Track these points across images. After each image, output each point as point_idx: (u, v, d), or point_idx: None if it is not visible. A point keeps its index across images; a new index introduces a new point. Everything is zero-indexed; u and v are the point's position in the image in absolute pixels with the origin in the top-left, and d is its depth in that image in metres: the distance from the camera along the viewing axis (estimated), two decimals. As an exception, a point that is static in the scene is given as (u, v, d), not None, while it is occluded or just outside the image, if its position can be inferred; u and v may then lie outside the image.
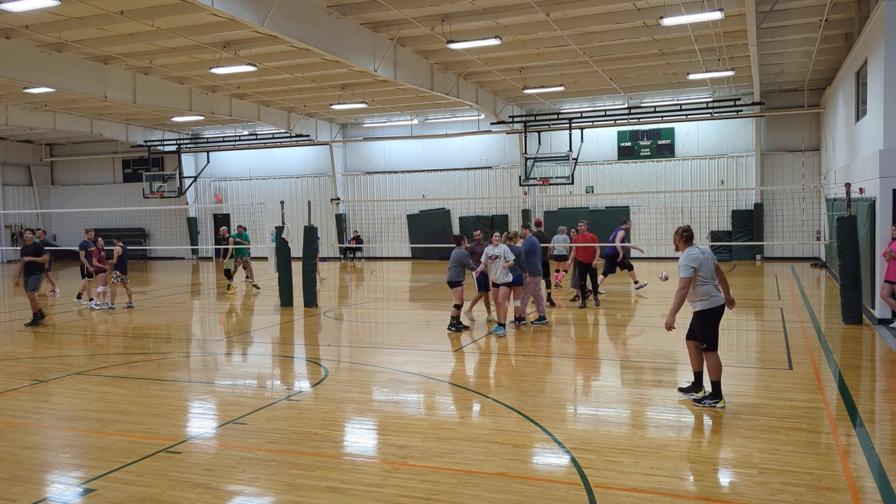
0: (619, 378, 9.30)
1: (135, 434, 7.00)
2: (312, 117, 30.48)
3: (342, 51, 16.22)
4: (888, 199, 12.28)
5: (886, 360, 9.95)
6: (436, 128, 31.08)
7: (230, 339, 12.90)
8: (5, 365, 10.52)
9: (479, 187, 30.73)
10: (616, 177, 28.54)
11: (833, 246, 15.41)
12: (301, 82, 22.27)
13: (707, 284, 7.47)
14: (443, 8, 15.57)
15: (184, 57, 18.98)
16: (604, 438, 6.69)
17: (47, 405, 8.24)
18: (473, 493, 5.39)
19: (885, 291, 11.66)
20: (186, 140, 33.32)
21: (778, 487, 5.38)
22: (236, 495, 5.51)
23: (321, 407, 7.93)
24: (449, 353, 10.96)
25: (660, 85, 24.93)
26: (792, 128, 26.45)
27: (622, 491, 5.36)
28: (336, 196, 31.95)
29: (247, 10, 13.36)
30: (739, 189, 26.62)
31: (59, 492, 5.65)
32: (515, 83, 23.64)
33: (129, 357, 11.10)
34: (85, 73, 19.26)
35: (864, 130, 15.12)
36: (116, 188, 36.99)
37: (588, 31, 17.51)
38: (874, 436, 6.60)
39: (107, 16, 15.04)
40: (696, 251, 7.53)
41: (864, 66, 15.42)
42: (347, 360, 10.72)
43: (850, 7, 16.29)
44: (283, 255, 16.39)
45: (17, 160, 36.36)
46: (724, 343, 11.32)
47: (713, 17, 14.75)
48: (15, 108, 25.66)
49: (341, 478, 5.77)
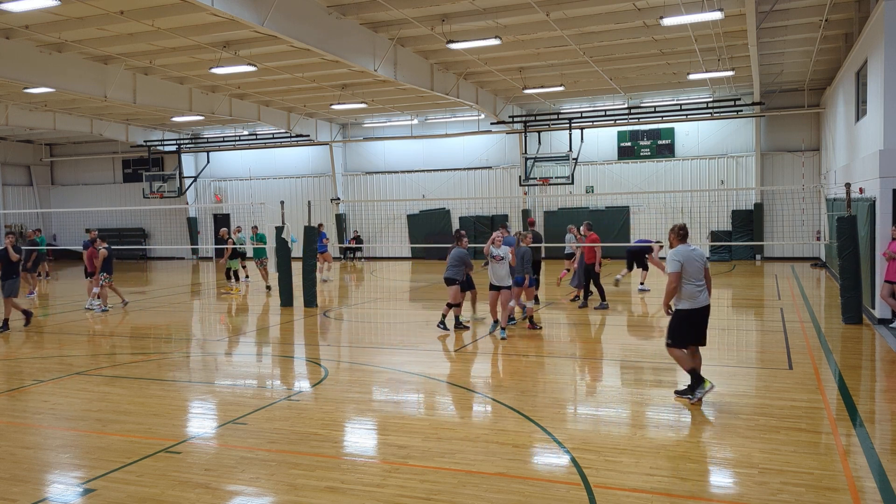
0: (619, 378, 9.30)
1: (135, 434, 7.00)
2: (312, 117, 30.48)
3: (342, 51, 16.22)
4: (888, 199, 12.28)
5: (886, 360, 9.95)
6: (436, 128, 31.08)
7: (230, 339, 12.90)
8: (5, 365, 10.52)
9: (479, 187, 30.73)
10: (616, 177, 28.54)
11: (833, 246, 15.41)
12: (301, 82, 22.27)
13: (690, 284, 7.55)
14: (443, 8, 15.57)
15: (184, 57, 18.98)
16: (604, 438, 6.69)
17: (47, 405, 8.24)
18: (473, 493, 5.39)
19: (885, 291, 11.66)
20: (186, 140, 33.32)
21: (778, 487, 5.38)
22: (236, 495, 5.51)
23: (321, 407, 7.93)
24: (449, 353, 10.96)
25: (660, 85, 24.93)
26: (792, 128, 26.45)
27: (622, 491, 5.36)
28: (336, 196, 31.95)
29: (247, 10, 13.36)
30: (739, 189, 26.61)
31: (59, 492, 5.65)
32: (515, 83, 23.64)
33: (128, 357, 11.10)
34: (85, 73, 19.25)
35: (864, 130, 15.12)
36: (116, 188, 36.99)
37: (588, 31, 17.51)
38: (874, 436, 6.60)
39: (107, 16, 15.03)
40: (682, 248, 7.64)
41: (864, 66, 15.42)
42: (347, 360, 10.72)
43: (850, 7, 16.29)
44: (283, 255, 16.39)
45: (17, 160, 36.36)
46: (724, 343, 11.34)
47: (713, 17, 14.75)
48: (15, 108, 25.65)
49: (341, 478, 5.77)
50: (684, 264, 7.54)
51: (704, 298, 7.61)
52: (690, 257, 7.59)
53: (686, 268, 7.53)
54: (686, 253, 7.59)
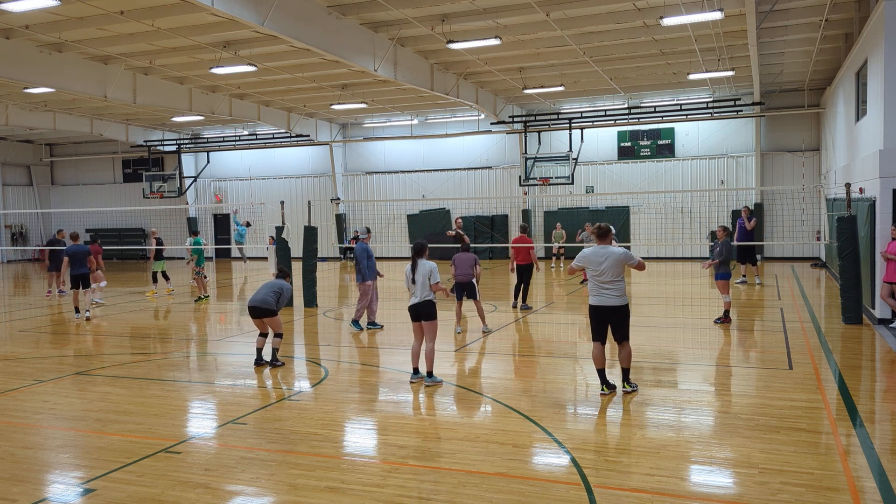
0: (619, 378, 9.29)
1: (135, 434, 7.00)
2: (312, 117, 30.47)
3: (342, 51, 16.22)
4: (888, 199, 12.28)
5: (886, 360, 9.94)
6: (436, 128, 31.08)
7: (230, 338, 12.90)
8: (5, 365, 10.52)
9: (479, 187, 30.72)
10: (616, 177, 28.54)
11: (833, 246, 15.41)
12: (301, 82, 22.28)
13: (591, 282, 8.00)
14: (443, 8, 15.57)
15: (184, 57, 18.98)
16: (604, 438, 6.69)
17: (47, 405, 8.23)
18: (473, 493, 5.39)
19: (884, 291, 11.65)
20: (186, 140, 33.32)
21: (778, 487, 5.38)
22: (236, 495, 5.51)
23: (321, 407, 7.93)
24: (449, 353, 10.96)
25: (660, 85, 24.93)
26: (792, 128, 26.44)
27: (622, 491, 5.36)
28: (336, 196, 31.95)
29: (247, 10, 13.36)
30: (739, 189, 26.61)
31: (59, 492, 5.65)
32: (515, 83, 23.64)
33: (128, 357, 11.10)
34: (85, 73, 19.25)
35: (864, 130, 15.12)
36: (116, 188, 36.98)
37: (588, 31, 17.51)
38: (874, 436, 6.60)
39: (107, 16, 15.03)
40: (588, 249, 8.05)
41: (864, 66, 15.42)
42: (347, 360, 10.73)
43: (850, 7, 16.29)
44: (284, 256, 16.38)
45: (17, 160, 36.35)
46: (724, 343, 11.34)
47: (713, 17, 14.75)
48: (15, 108, 25.66)
49: (341, 478, 5.77)
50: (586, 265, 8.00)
51: (602, 298, 7.93)
52: (592, 259, 7.94)
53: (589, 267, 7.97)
54: (587, 256, 7.98)
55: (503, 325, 13.17)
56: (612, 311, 7.94)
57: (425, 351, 8.83)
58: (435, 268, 8.82)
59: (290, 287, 10.48)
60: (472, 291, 12.48)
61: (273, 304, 10.02)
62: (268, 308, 9.97)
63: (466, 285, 12.47)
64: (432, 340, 8.81)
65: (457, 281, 12.53)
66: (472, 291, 12.48)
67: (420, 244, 9.00)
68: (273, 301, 10.03)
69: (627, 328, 8.05)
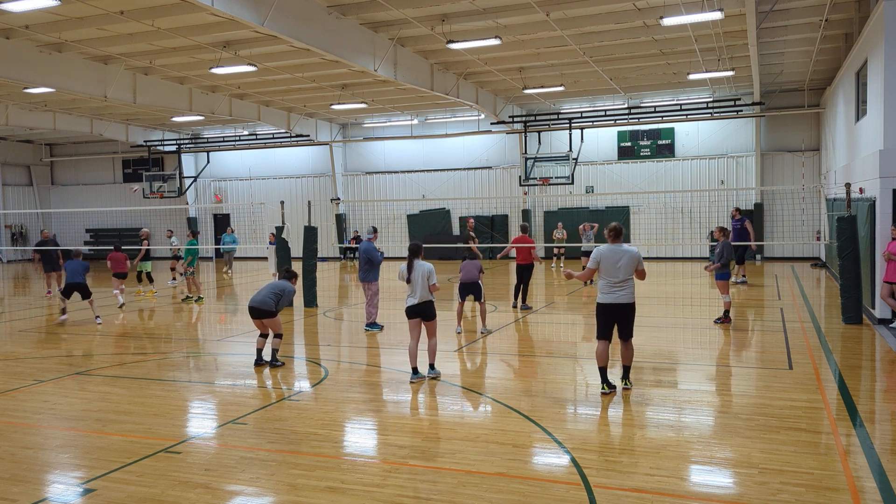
0: (619, 378, 9.28)
1: (135, 434, 7.00)
2: (312, 117, 30.47)
3: (342, 51, 16.22)
4: (888, 199, 12.28)
5: (886, 360, 9.94)
6: (436, 128, 31.07)
7: (230, 338, 12.89)
8: (5, 365, 10.52)
9: (479, 187, 30.72)
10: (616, 177, 28.53)
11: (833, 246, 15.40)
12: (301, 82, 22.27)
13: (603, 280, 8.06)
14: (443, 8, 15.57)
15: (184, 57, 18.98)
16: (604, 438, 6.69)
17: (47, 405, 8.23)
18: (473, 493, 5.38)
19: (884, 291, 11.65)
20: (186, 140, 33.31)
21: (778, 487, 5.38)
22: (236, 495, 5.51)
23: (321, 407, 7.93)
24: (449, 353, 10.96)
25: (660, 85, 24.93)
26: (792, 128, 26.44)
27: (622, 491, 5.36)
28: (336, 196, 31.95)
29: (247, 10, 13.36)
30: (739, 189, 26.61)
31: (59, 492, 5.65)
32: (515, 83, 23.63)
33: (128, 357, 11.09)
34: (85, 73, 19.25)
35: (864, 130, 15.12)
36: (116, 188, 36.97)
37: (588, 31, 17.51)
38: (874, 436, 6.60)
39: (107, 16, 15.03)
40: (604, 247, 8.11)
41: (864, 66, 15.42)
42: (347, 360, 10.73)
43: (850, 7, 16.28)
44: (283, 256, 16.39)
45: (17, 160, 36.35)
46: (724, 343, 11.33)
47: (713, 17, 14.75)
48: (15, 108, 25.65)
49: (341, 478, 5.77)
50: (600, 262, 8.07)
51: (613, 296, 8.05)
52: (607, 258, 8.05)
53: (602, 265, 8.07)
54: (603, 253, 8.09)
55: (503, 325, 13.17)
56: (622, 308, 8.09)
57: (428, 345, 9.16)
58: (432, 269, 9.00)
59: (292, 289, 10.46)
60: (478, 293, 12.55)
61: (272, 305, 10.03)
62: (267, 309, 9.98)
63: (471, 286, 12.53)
64: (433, 335, 9.14)
65: (461, 281, 12.57)
66: (478, 293, 12.55)
67: (416, 245, 9.26)
68: (272, 302, 10.04)
69: (633, 326, 8.20)
